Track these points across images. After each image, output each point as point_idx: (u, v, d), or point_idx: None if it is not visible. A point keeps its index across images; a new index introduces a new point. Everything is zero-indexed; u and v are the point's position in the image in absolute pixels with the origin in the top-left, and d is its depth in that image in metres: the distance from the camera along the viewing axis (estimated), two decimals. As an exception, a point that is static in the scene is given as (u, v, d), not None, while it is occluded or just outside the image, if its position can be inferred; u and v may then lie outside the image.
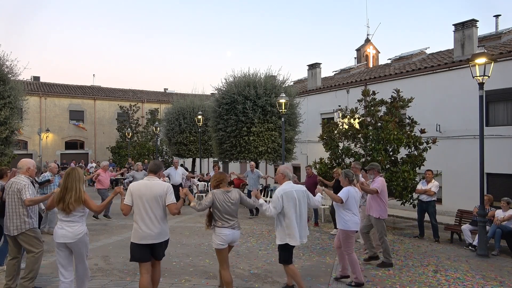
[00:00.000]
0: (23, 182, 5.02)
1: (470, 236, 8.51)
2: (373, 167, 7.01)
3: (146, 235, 4.32)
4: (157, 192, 4.36)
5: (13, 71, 14.06)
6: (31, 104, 27.39)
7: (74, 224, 4.38)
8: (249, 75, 15.86)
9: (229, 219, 4.73)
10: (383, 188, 6.77)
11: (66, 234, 4.35)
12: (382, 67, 19.89)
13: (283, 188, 5.01)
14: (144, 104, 35.49)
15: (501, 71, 11.94)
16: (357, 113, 11.44)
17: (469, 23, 14.08)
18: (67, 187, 4.36)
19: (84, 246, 4.48)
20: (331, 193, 5.97)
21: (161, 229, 4.38)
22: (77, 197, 4.33)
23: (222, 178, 4.91)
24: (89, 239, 4.67)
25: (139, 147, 26.98)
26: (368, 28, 26.62)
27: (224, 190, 4.81)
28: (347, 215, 5.58)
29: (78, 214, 4.40)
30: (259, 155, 15.12)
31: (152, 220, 4.33)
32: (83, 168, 23.84)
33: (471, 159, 12.45)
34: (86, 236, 4.50)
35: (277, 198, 4.94)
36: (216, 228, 4.75)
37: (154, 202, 4.34)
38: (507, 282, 6.00)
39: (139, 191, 4.37)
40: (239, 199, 4.87)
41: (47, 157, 30.35)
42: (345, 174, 5.81)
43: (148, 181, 4.46)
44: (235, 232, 4.78)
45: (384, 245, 6.68)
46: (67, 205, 4.30)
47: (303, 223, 5.03)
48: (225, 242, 4.73)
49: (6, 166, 12.89)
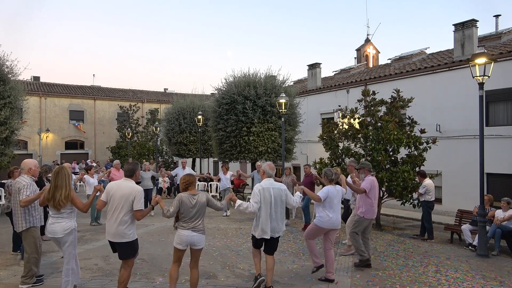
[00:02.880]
0: (23, 182, 5.21)
1: (470, 236, 8.51)
2: (363, 166, 6.94)
3: (108, 232, 4.58)
4: (124, 195, 4.49)
5: (13, 71, 14.04)
6: (31, 104, 27.40)
7: (63, 219, 4.64)
8: (249, 75, 15.85)
9: (190, 221, 4.67)
10: (372, 188, 6.65)
11: (55, 229, 4.61)
12: (382, 67, 19.88)
13: (261, 184, 5.25)
14: (144, 104, 35.48)
15: (501, 71, 11.94)
16: (357, 113, 11.44)
17: (469, 23, 14.07)
18: (57, 185, 4.58)
19: (71, 243, 4.68)
20: (310, 192, 6.14)
21: (117, 230, 4.47)
22: (67, 195, 4.56)
23: (191, 181, 4.84)
24: (76, 235, 4.88)
25: (139, 147, 26.98)
26: (368, 28, 26.70)
27: (191, 193, 4.77)
28: (323, 213, 5.75)
29: (67, 211, 4.65)
30: (259, 155, 15.11)
31: (112, 219, 4.51)
32: (94, 168, 23.75)
33: (471, 159, 12.44)
34: (74, 231, 4.73)
35: (255, 193, 5.18)
36: (177, 229, 4.80)
37: (120, 203, 4.48)
38: (507, 282, 6.00)
39: (112, 190, 4.57)
40: (205, 202, 4.79)
41: (47, 157, 30.36)
42: (324, 173, 5.95)
43: (122, 182, 4.63)
44: (196, 235, 4.67)
45: (354, 242, 6.60)
46: (58, 202, 4.54)
47: (278, 219, 5.18)
48: (183, 243, 4.70)
49: (4, 166, 12.92)
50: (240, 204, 5.10)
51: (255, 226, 5.22)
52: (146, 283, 5.62)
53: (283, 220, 5.33)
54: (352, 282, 5.81)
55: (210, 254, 7.19)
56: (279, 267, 6.55)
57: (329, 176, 5.86)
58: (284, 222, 5.37)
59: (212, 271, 6.16)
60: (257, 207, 5.10)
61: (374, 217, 6.87)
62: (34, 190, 5.30)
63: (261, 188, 5.17)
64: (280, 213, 5.24)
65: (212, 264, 6.60)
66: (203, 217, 4.82)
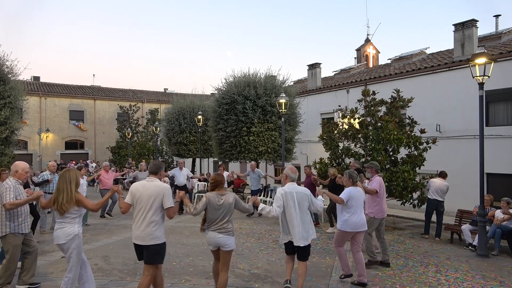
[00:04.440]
0: (6, 185, 5.01)
1: (470, 236, 8.51)
2: (371, 166, 7.03)
3: (135, 235, 4.35)
4: (152, 194, 4.31)
5: (13, 71, 14.07)
6: (31, 104, 27.41)
7: (66, 225, 4.43)
8: (249, 75, 15.85)
9: (215, 222, 4.64)
10: (381, 188, 6.81)
11: (58, 235, 4.43)
12: (382, 67, 19.87)
13: (284, 188, 5.11)
14: (144, 104, 35.49)
15: (501, 71, 11.93)
16: (357, 113, 11.43)
17: (469, 23, 14.07)
18: (59, 188, 4.44)
19: (75, 250, 4.42)
20: (332, 195, 6.02)
21: (147, 231, 4.27)
22: (69, 198, 4.37)
23: (219, 180, 4.79)
24: (81, 242, 4.62)
25: (139, 147, 26.97)
26: (368, 28, 26.66)
27: (219, 193, 4.72)
28: (346, 216, 5.65)
29: (71, 216, 4.44)
30: (259, 155, 15.12)
31: (140, 221, 4.31)
32: (84, 168, 23.78)
33: (471, 159, 12.44)
34: (78, 238, 4.47)
35: (278, 198, 5.04)
36: (205, 230, 4.78)
37: (148, 204, 4.30)
38: (507, 282, 6.00)
39: (138, 191, 4.37)
40: (233, 203, 4.71)
41: (47, 157, 30.34)
42: (349, 175, 5.85)
43: (147, 182, 4.44)
44: (222, 236, 4.61)
45: (366, 242, 6.66)
46: (60, 206, 4.37)
47: (305, 224, 5.02)
48: (210, 244, 4.72)
49: (3, 167, 12.92)
50: (263, 208, 4.96)
51: (281, 232, 5.19)
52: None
53: (311, 225, 5.14)
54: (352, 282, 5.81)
55: (210, 254, 7.16)
56: (279, 267, 6.55)
57: (354, 178, 5.78)
58: (313, 228, 5.19)
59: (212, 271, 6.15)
60: (280, 211, 4.96)
61: (385, 216, 6.93)
62: (19, 193, 5.06)
63: (283, 192, 5.03)
64: (306, 218, 5.06)
65: (212, 264, 6.59)
66: (230, 218, 4.71)
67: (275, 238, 8.87)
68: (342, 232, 5.73)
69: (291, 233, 5.00)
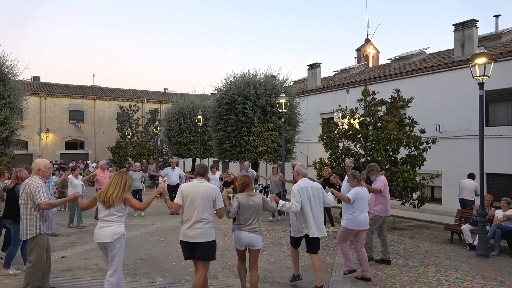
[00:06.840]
0: (35, 183, 4.83)
1: (470, 236, 8.51)
2: (372, 168, 7.22)
3: (186, 234, 4.48)
4: (205, 195, 4.49)
5: (13, 71, 14.05)
6: (31, 104, 27.38)
7: (112, 224, 4.43)
8: (249, 75, 15.85)
9: (246, 222, 4.81)
10: (385, 187, 6.99)
11: (104, 234, 4.40)
12: (382, 67, 19.88)
13: (299, 183, 5.37)
14: (144, 104, 35.47)
15: (501, 71, 11.93)
16: (357, 113, 11.44)
17: (469, 23, 14.07)
18: (111, 183, 4.49)
19: (120, 250, 4.48)
20: (340, 194, 6.20)
21: (202, 229, 4.44)
22: (119, 195, 4.42)
23: (247, 182, 4.99)
24: (124, 243, 4.62)
25: (139, 147, 26.96)
26: (368, 28, 26.63)
27: (248, 194, 4.91)
28: (352, 214, 5.89)
29: (118, 214, 4.46)
30: (259, 155, 15.12)
31: (192, 220, 4.44)
32: (83, 168, 23.81)
33: (471, 159, 12.44)
34: (123, 238, 4.52)
35: (295, 193, 5.28)
36: (234, 230, 4.93)
37: (201, 204, 4.46)
38: (507, 282, 6.00)
39: (188, 192, 4.52)
40: (261, 204, 4.91)
41: (47, 157, 30.27)
42: (352, 176, 6.07)
43: (197, 183, 4.60)
44: (253, 236, 4.82)
45: (367, 238, 6.81)
46: (108, 198, 4.40)
47: (320, 217, 5.33)
48: (240, 244, 4.86)
49: (4, 166, 12.92)
50: (283, 205, 5.19)
51: (294, 226, 5.35)
52: (146, 283, 5.62)
53: (323, 219, 5.47)
54: (352, 282, 5.81)
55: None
56: (279, 267, 6.55)
57: (358, 178, 6.02)
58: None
59: (212, 271, 6.15)
60: (299, 206, 5.21)
61: (388, 214, 7.13)
62: (48, 193, 4.97)
63: (299, 187, 5.30)
64: (320, 211, 5.37)
65: (212, 264, 6.59)
66: (259, 218, 4.93)
67: (275, 238, 8.87)
68: (347, 230, 5.95)
69: (308, 226, 5.22)
